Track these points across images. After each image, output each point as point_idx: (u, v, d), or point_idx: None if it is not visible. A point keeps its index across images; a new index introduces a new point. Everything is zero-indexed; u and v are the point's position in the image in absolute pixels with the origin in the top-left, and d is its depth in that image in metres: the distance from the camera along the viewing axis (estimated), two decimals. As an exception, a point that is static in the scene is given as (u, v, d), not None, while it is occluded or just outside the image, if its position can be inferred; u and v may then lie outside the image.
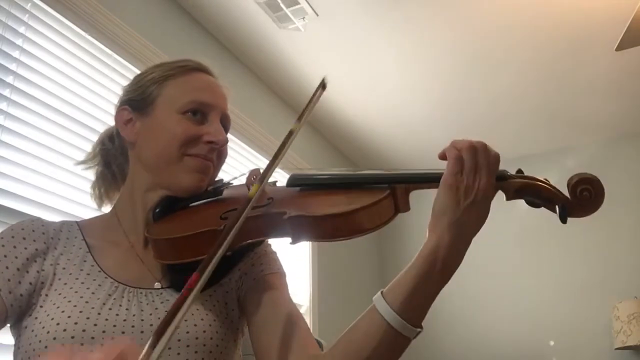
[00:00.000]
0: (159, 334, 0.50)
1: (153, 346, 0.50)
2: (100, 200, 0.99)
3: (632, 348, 3.10)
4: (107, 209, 0.99)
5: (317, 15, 2.55)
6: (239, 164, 2.78)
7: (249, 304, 0.86)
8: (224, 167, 0.98)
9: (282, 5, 2.46)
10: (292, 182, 0.86)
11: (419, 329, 0.71)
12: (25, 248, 0.83)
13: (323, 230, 0.75)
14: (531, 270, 3.64)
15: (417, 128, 3.54)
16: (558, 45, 2.79)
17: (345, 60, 2.89)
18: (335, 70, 2.97)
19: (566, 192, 0.75)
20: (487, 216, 0.73)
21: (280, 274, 0.92)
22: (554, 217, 0.76)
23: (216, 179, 0.94)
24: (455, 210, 0.71)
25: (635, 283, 3.28)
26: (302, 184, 0.85)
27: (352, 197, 0.75)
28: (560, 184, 0.78)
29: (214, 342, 0.79)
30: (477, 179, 0.72)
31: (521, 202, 0.80)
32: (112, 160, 0.98)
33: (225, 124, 0.94)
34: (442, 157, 0.75)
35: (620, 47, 2.33)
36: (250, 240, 0.80)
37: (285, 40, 2.74)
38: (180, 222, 0.83)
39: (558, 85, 3.12)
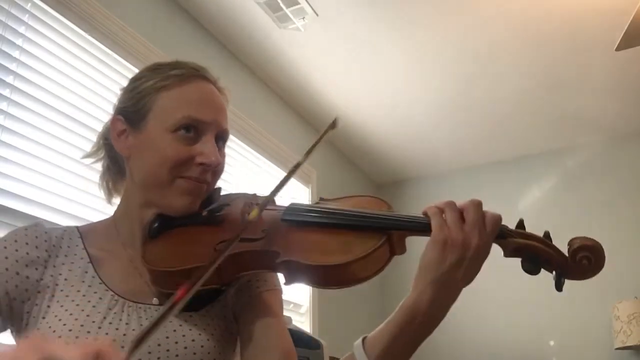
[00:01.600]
0: (138, 341, 0.46)
1: (130, 353, 0.46)
2: (109, 195, 0.97)
3: (632, 348, 3.10)
4: (116, 200, 0.97)
5: (317, 15, 2.55)
6: (236, 162, 2.78)
7: (242, 320, 0.85)
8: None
9: (282, 5, 2.46)
10: (288, 216, 0.82)
11: None
12: (27, 253, 0.82)
13: (317, 278, 0.74)
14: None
15: (417, 128, 3.54)
16: (558, 46, 2.79)
17: (345, 60, 2.89)
18: (335, 70, 2.96)
19: (565, 251, 0.74)
20: (477, 274, 0.72)
21: (276, 291, 0.89)
22: (555, 217, 0.76)
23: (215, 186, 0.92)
24: (440, 266, 0.69)
25: (635, 283, 3.28)
26: (298, 221, 0.81)
27: (348, 244, 0.73)
28: (560, 184, 0.77)
29: (211, 356, 0.79)
30: (469, 237, 0.69)
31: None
32: (116, 152, 0.95)
33: (223, 136, 0.89)
34: (424, 213, 0.73)
35: (620, 47, 2.32)
36: (243, 273, 0.79)
37: (285, 40, 2.73)
38: (176, 250, 0.82)
39: (558, 85, 3.12)
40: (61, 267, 0.83)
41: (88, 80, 1.98)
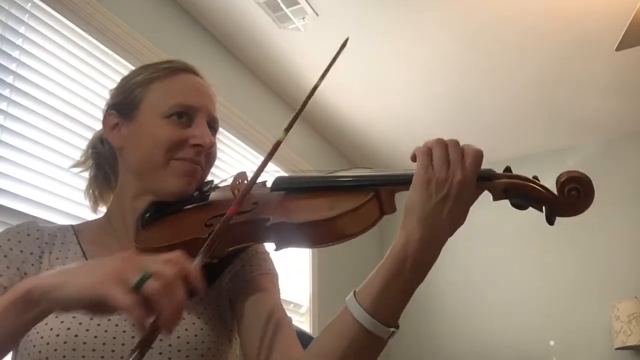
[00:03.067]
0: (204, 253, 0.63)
1: (201, 260, 0.62)
2: (94, 203, 0.99)
3: (632, 348, 3.10)
4: (103, 210, 0.98)
5: (317, 15, 2.55)
6: (238, 163, 2.78)
7: (238, 305, 0.86)
8: (223, 166, 0.97)
9: (282, 5, 2.46)
10: (276, 186, 0.84)
11: (392, 329, 0.69)
12: (21, 251, 0.83)
13: (306, 236, 0.74)
14: (531, 270, 3.64)
15: (416, 127, 3.53)
16: (558, 45, 2.79)
17: (345, 60, 2.89)
18: (335, 70, 2.96)
19: (554, 189, 0.73)
20: (464, 217, 0.70)
21: (271, 275, 0.90)
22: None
23: (206, 180, 0.93)
24: (425, 205, 0.68)
25: (635, 283, 3.28)
26: (286, 188, 0.83)
27: (335, 202, 0.74)
28: (560, 184, 0.77)
29: (205, 345, 0.79)
30: (450, 174, 0.69)
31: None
32: (103, 162, 0.98)
33: (213, 125, 0.92)
34: (413, 157, 0.74)
35: (620, 47, 2.32)
36: (236, 247, 0.80)
37: (285, 40, 2.73)
38: (166, 230, 0.83)
39: (558, 85, 3.12)
40: (55, 261, 0.84)
41: (88, 80, 1.98)
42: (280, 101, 3.23)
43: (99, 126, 2.02)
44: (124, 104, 0.91)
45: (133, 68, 2.17)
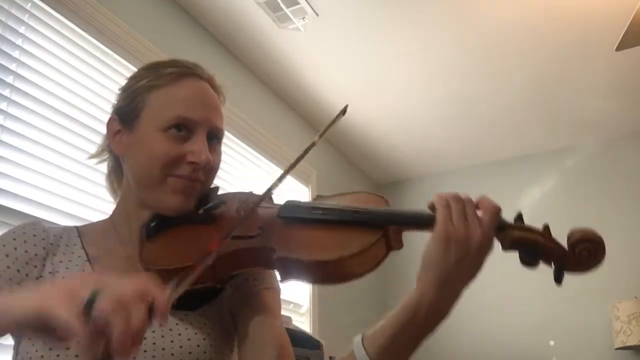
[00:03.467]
0: (180, 279, 0.59)
1: (174, 288, 0.57)
2: (114, 193, 0.98)
3: (632, 348, 3.10)
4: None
5: (317, 15, 2.55)
6: (237, 163, 2.78)
7: (239, 318, 0.85)
8: (223, 165, 0.96)
9: (282, 5, 2.46)
10: (284, 213, 0.81)
11: None
12: (26, 251, 0.82)
13: (313, 274, 0.73)
14: (531, 270, 3.63)
15: (418, 128, 3.54)
16: (558, 45, 2.79)
17: (345, 60, 2.89)
18: (335, 70, 2.96)
19: (564, 243, 0.72)
20: (480, 270, 0.70)
21: (274, 290, 0.89)
22: (555, 217, 0.75)
23: (212, 185, 0.91)
24: (443, 263, 0.68)
25: (635, 283, 3.28)
26: (294, 217, 0.81)
27: (344, 240, 0.73)
28: (560, 184, 0.77)
29: (207, 355, 0.79)
30: (469, 233, 0.68)
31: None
32: None
33: (217, 135, 0.88)
34: (431, 206, 0.72)
35: (620, 47, 2.32)
36: (239, 271, 0.79)
37: (285, 40, 2.73)
38: (171, 248, 0.82)
39: (558, 85, 3.12)
40: (59, 264, 0.84)
41: (88, 80, 1.98)
42: (280, 101, 3.23)
43: (99, 126, 2.03)
44: (126, 111, 0.88)
45: (133, 68, 2.18)
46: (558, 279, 0.72)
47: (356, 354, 0.69)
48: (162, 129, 0.83)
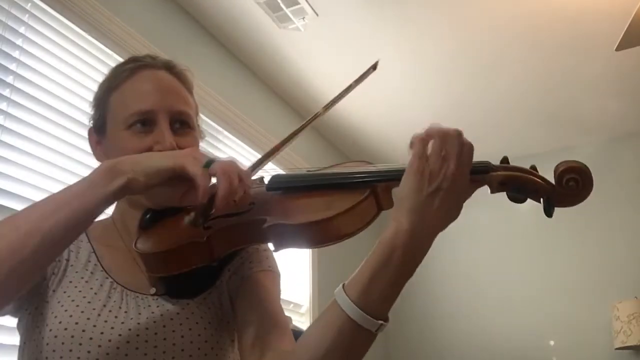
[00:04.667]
0: (256, 165, 0.78)
1: (254, 167, 0.78)
2: None
3: (632, 348, 3.10)
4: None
5: (317, 15, 2.55)
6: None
7: (237, 302, 0.86)
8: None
9: (282, 5, 2.46)
10: (272, 185, 0.83)
11: (380, 322, 0.66)
12: None
13: (304, 237, 0.73)
14: (531, 270, 3.64)
15: (417, 128, 3.52)
16: (558, 45, 2.79)
17: (345, 60, 2.89)
18: (335, 70, 2.96)
19: (552, 179, 0.71)
20: (457, 211, 0.69)
21: (270, 272, 0.90)
22: (555, 217, 0.75)
23: None
24: (417, 196, 0.67)
25: (635, 283, 3.28)
26: (282, 187, 0.82)
27: (332, 201, 0.73)
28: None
29: (208, 344, 0.80)
30: (444, 166, 0.67)
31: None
32: None
33: (181, 119, 0.87)
34: (410, 144, 0.72)
35: (620, 47, 2.32)
36: (235, 248, 0.80)
37: (285, 40, 2.73)
38: (165, 234, 0.82)
39: (558, 85, 3.12)
40: (70, 253, 0.86)
41: (88, 80, 1.98)
42: (280, 101, 3.23)
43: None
44: (95, 119, 0.90)
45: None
46: (548, 212, 0.72)
47: (339, 301, 0.67)
48: (125, 127, 0.85)
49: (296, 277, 3.08)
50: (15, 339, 0.88)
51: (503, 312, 3.64)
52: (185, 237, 0.77)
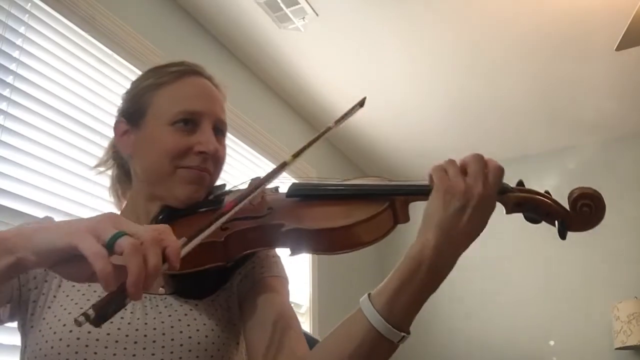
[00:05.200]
0: (194, 234, 0.62)
1: (187, 241, 0.60)
2: (119, 201, 1.00)
3: (632, 348, 3.10)
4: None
5: (317, 15, 2.55)
6: (236, 162, 2.78)
7: (246, 304, 0.87)
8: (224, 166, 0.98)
9: (282, 5, 2.46)
10: (292, 192, 0.85)
11: (404, 334, 0.69)
12: None
13: (321, 243, 0.75)
14: (531, 271, 3.64)
15: (417, 128, 3.54)
16: (558, 46, 2.79)
17: (345, 60, 2.89)
18: (335, 70, 2.96)
19: (566, 205, 0.74)
20: (482, 227, 0.72)
21: (280, 278, 0.91)
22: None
23: (216, 183, 0.94)
24: (443, 212, 0.70)
25: (635, 283, 3.28)
26: (301, 194, 0.84)
27: (351, 210, 0.75)
28: (561, 184, 0.78)
29: (215, 346, 0.80)
30: (471, 186, 0.71)
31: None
32: (125, 161, 0.98)
33: (220, 128, 0.93)
34: (442, 163, 0.76)
35: (620, 47, 2.32)
36: (249, 251, 0.81)
37: (285, 40, 2.73)
38: (181, 233, 0.83)
39: (558, 85, 3.12)
40: None
41: (88, 80, 1.98)
42: (280, 101, 3.23)
43: (99, 126, 2.03)
44: (131, 111, 0.91)
45: (133, 68, 2.18)
46: (562, 235, 0.75)
47: (364, 310, 0.70)
48: (169, 123, 0.86)
49: (296, 277, 3.08)
50: (15, 339, 0.87)
51: (503, 312, 3.64)
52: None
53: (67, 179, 1.83)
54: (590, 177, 3.62)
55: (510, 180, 0.78)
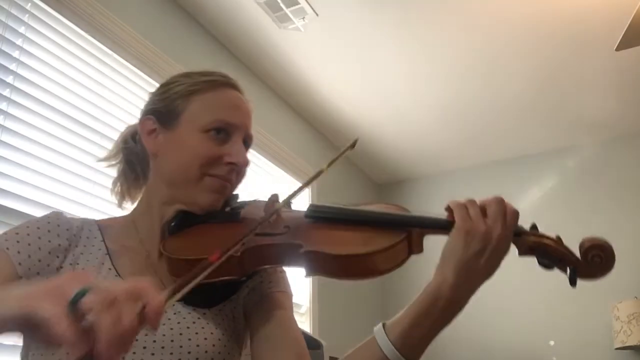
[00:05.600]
0: (179, 286, 0.54)
1: (171, 294, 0.52)
2: (121, 197, 0.99)
3: (632, 348, 3.10)
4: (127, 205, 0.99)
5: (317, 15, 2.55)
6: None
7: (254, 318, 0.87)
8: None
9: (282, 5, 2.46)
10: (311, 213, 0.85)
11: None
12: (49, 241, 0.83)
13: (338, 268, 0.75)
14: (531, 271, 3.63)
15: (417, 128, 3.54)
16: (558, 46, 2.79)
17: (345, 60, 2.89)
18: (335, 70, 2.96)
19: (577, 252, 0.77)
20: (497, 267, 0.76)
21: (287, 294, 0.92)
22: (555, 217, 0.77)
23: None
24: (463, 253, 0.73)
25: (635, 283, 3.28)
26: (321, 217, 0.84)
27: (369, 238, 0.76)
28: (561, 184, 0.79)
29: (221, 356, 0.81)
30: (491, 229, 0.74)
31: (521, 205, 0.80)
32: (134, 158, 0.98)
33: (247, 142, 0.94)
34: (447, 208, 0.78)
35: (620, 47, 2.32)
36: (265, 266, 0.82)
37: (285, 40, 2.73)
38: (196, 242, 0.83)
39: (558, 85, 3.12)
40: (79, 257, 0.85)
41: (88, 80, 1.98)
42: (280, 101, 3.23)
43: (99, 126, 2.03)
44: (164, 112, 0.91)
45: (133, 68, 2.18)
46: (573, 282, 0.79)
47: (378, 341, 0.73)
48: (202, 130, 0.87)
49: (296, 277, 3.08)
50: (15, 339, 0.87)
51: (503, 312, 3.64)
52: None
53: (67, 179, 1.83)
54: (590, 177, 3.62)
55: (514, 186, 0.79)
